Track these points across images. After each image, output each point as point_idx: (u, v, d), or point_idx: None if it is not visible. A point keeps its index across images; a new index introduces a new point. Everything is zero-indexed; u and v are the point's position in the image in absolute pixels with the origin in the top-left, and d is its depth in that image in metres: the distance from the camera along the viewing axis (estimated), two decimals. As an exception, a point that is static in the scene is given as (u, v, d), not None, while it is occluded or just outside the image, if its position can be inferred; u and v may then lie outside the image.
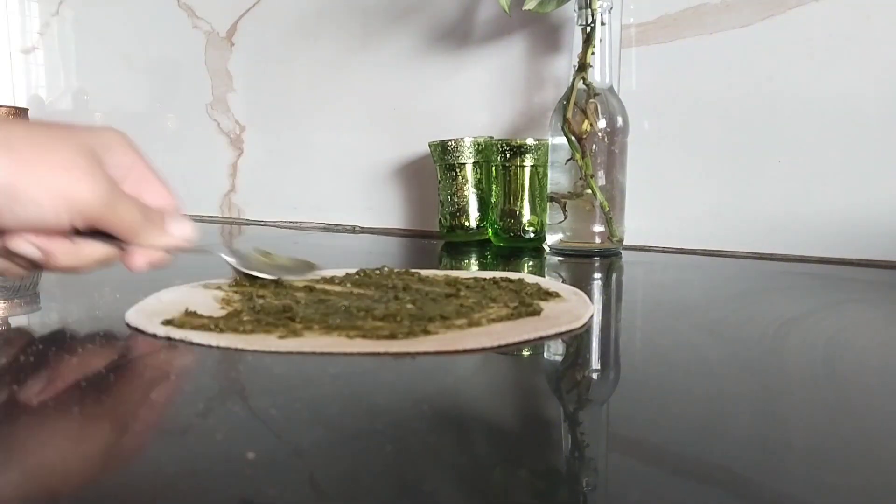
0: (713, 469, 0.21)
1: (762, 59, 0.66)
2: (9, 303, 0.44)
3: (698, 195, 0.70)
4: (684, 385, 0.30)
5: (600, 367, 0.33)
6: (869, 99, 0.63)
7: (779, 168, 0.66)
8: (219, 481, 0.20)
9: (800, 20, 0.65)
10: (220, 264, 0.45)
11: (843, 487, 0.20)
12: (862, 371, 0.32)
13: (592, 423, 0.26)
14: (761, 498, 0.19)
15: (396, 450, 0.22)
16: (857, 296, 0.52)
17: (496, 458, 0.22)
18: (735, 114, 0.68)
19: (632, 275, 0.60)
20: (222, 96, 1.07)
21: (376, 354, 0.32)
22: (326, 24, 0.95)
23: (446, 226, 0.76)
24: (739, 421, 0.25)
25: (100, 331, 0.36)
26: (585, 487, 0.20)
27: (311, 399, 0.27)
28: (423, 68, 0.87)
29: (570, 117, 0.63)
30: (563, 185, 0.65)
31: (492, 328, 0.35)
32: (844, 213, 0.64)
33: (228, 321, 0.35)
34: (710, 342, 0.37)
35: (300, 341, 0.33)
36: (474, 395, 0.29)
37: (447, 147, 0.75)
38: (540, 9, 0.66)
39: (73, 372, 0.31)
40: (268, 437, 0.23)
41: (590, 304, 0.41)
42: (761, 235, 0.67)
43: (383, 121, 0.91)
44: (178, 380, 0.29)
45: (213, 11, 1.07)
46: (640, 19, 0.72)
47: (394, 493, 0.20)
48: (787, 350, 0.35)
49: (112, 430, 0.24)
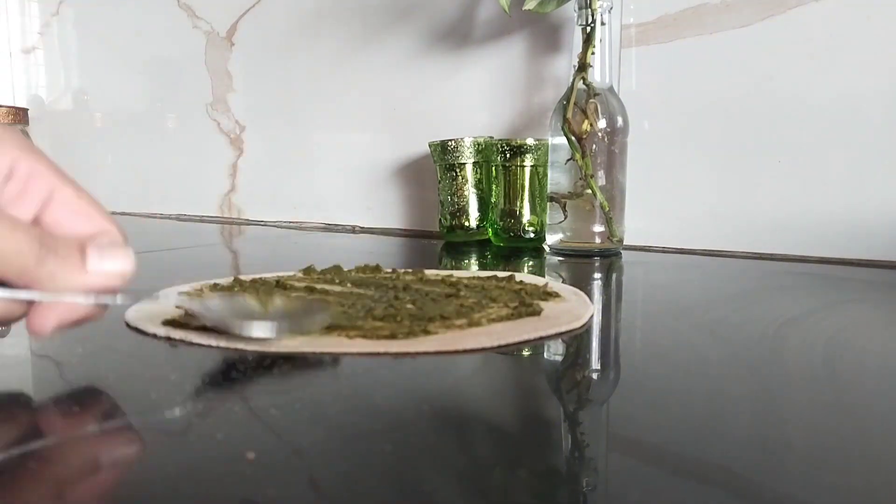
0: (713, 469, 0.21)
1: (762, 59, 0.66)
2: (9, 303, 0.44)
3: (698, 195, 0.70)
4: (684, 385, 0.30)
5: (600, 367, 0.33)
6: (869, 99, 0.63)
7: (779, 168, 0.66)
8: (219, 481, 0.20)
9: (800, 20, 0.65)
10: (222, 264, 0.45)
11: (843, 487, 0.20)
12: (862, 371, 0.32)
13: (592, 423, 0.26)
14: (761, 498, 0.19)
15: (396, 450, 0.22)
16: (857, 296, 0.52)
17: (496, 458, 0.22)
18: (735, 114, 0.68)
19: (632, 275, 0.60)
20: (222, 96, 1.07)
21: (376, 354, 0.32)
22: (326, 23, 0.95)
23: (446, 226, 0.76)
24: (739, 421, 0.25)
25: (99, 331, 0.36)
26: (585, 487, 0.20)
27: (311, 399, 0.27)
28: (423, 68, 0.87)
29: (570, 117, 0.63)
30: (563, 185, 0.65)
31: (492, 328, 0.35)
32: (844, 213, 0.64)
33: None
34: (710, 342, 0.37)
35: (300, 341, 0.33)
36: (474, 395, 0.29)
37: (447, 147, 0.75)
38: (540, 9, 0.66)
39: (72, 372, 0.31)
40: (268, 437, 0.23)
41: (590, 304, 0.41)
42: (761, 235, 0.67)
43: (383, 121, 0.91)
44: (178, 380, 0.29)
45: (213, 11, 1.07)
46: (640, 19, 0.72)
47: (394, 493, 0.20)
48: (787, 350, 0.35)
49: (112, 430, 0.24)
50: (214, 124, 1.08)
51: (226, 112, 1.07)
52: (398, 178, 0.91)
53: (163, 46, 1.14)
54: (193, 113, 1.10)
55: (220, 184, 1.08)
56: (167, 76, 1.15)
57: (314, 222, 0.99)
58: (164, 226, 1.02)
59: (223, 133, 1.08)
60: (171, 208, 1.15)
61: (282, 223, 1.02)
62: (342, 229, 0.95)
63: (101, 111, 1.27)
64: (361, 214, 0.94)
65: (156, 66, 1.16)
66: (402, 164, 0.90)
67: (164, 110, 1.16)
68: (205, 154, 1.09)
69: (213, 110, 1.08)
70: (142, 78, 1.18)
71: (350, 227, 0.95)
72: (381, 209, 0.92)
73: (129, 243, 0.28)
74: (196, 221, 1.07)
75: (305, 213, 1.00)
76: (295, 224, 1.00)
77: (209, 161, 1.09)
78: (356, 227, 0.94)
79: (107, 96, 1.26)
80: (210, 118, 1.09)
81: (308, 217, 1.00)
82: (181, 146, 1.13)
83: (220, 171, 1.08)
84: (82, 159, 1.30)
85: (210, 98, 1.08)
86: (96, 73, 1.27)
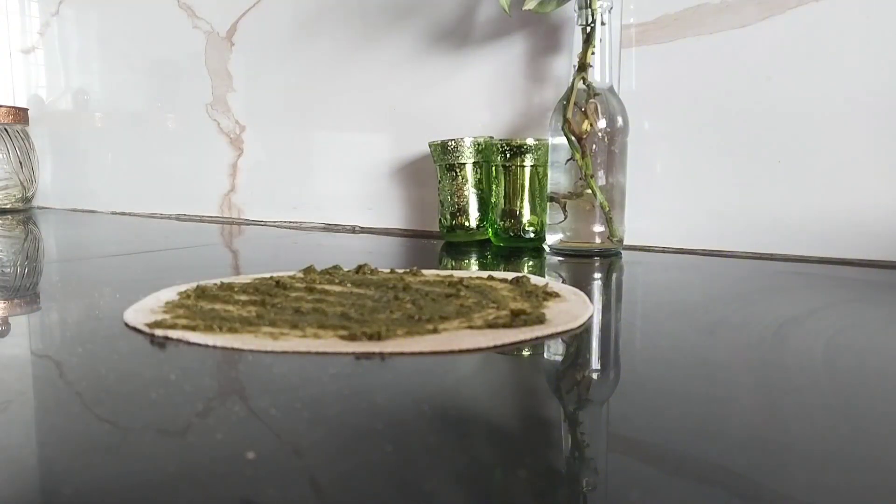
0: (713, 469, 0.21)
1: (762, 59, 0.66)
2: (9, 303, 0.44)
3: (698, 195, 0.70)
4: (684, 385, 0.30)
5: (600, 367, 0.33)
6: (869, 99, 0.62)
7: (779, 168, 0.66)
8: (219, 481, 0.20)
9: (800, 20, 0.65)
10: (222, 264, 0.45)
11: (843, 488, 0.20)
12: (862, 371, 0.32)
13: (592, 423, 0.26)
14: (761, 498, 0.19)
15: (396, 450, 0.22)
16: (857, 296, 0.52)
17: (496, 458, 0.22)
18: (735, 114, 0.68)
19: (632, 275, 0.60)
20: (222, 96, 1.07)
21: (375, 354, 0.32)
22: (326, 23, 0.95)
23: (446, 226, 0.76)
24: (739, 421, 0.25)
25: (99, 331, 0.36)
26: (585, 487, 0.20)
27: (311, 399, 0.27)
28: (423, 68, 0.87)
29: (570, 117, 0.63)
30: (563, 185, 0.65)
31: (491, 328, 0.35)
32: (844, 213, 0.64)
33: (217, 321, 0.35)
34: (710, 342, 0.37)
35: (298, 341, 0.33)
36: (474, 395, 0.29)
37: (447, 147, 0.75)
38: (540, 9, 0.66)
39: (72, 372, 0.31)
40: (268, 437, 0.23)
41: (590, 305, 0.41)
42: (761, 235, 0.67)
43: (383, 121, 0.91)
44: (178, 380, 0.29)
45: (213, 11, 1.07)
46: (640, 19, 0.72)
47: (394, 493, 0.20)
48: (787, 350, 0.35)
49: (111, 430, 0.24)
50: (214, 124, 1.08)
51: (226, 112, 1.07)
52: (398, 178, 0.91)
53: (163, 46, 1.14)
54: (193, 113, 1.10)
55: (219, 184, 1.08)
56: (167, 76, 1.15)
57: (314, 222, 0.99)
58: (164, 226, 1.02)
59: (223, 133, 1.08)
60: (171, 208, 1.15)
61: (282, 223, 1.02)
62: (342, 229, 0.95)
63: (101, 111, 1.27)
64: (361, 214, 0.94)
65: (156, 66, 1.16)
66: (402, 164, 0.90)
67: (164, 110, 1.16)
68: (205, 154, 1.10)
69: (213, 110, 1.08)
70: (142, 78, 1.18)
71: (350, 227, 0.95)
72: (381, 209, 0.92)
73: None
74: (196, 221, 1.07)
75: (305, 213, 1.00)
76: (295, 224, 1.00)
77: (209, 161, 1.09)
78: (356, 227, 0.94)
79: (107, 96, 1.26)
80: (210, 118, 1.09)
81: (308, 217, 1.00)
82: (181, 146, 1.13)
83: (220, 171, 1.08)
84: (82, 159, 1.30)
85: (210, 98, 1.08)
86: (96, 73, 1.27)
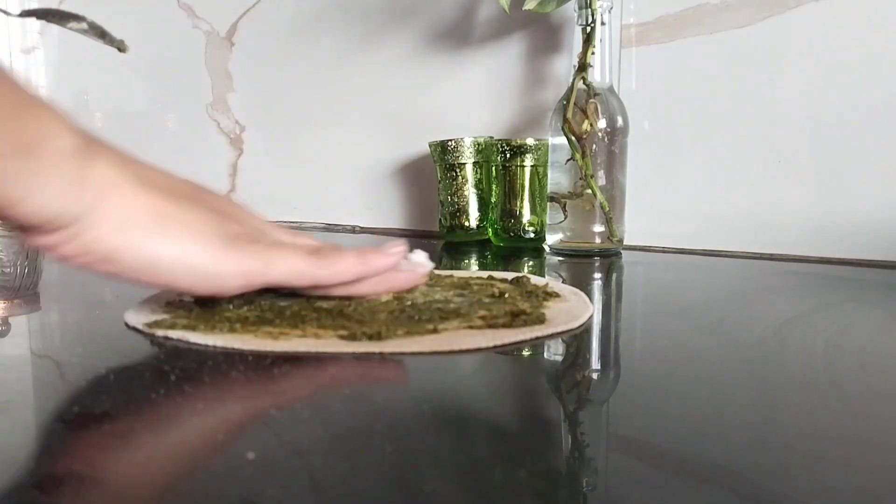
0: (713, 469, 0.21)
1: (762, 59, 0.66)
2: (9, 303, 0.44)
3: (698, 195, 0.70)
4: (684, 385, 0.29)
5: (600, 367, 0.33)
6: (869, 99, 0.62)
7: (779, 168, 0.66)
8: (219, 481, 0.20)
9: (800, 20, 0.65)
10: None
11: (843, 488, 0.20)
12: (862, 371, 0.32)
13: (592, 423, 0.26)
14: (761, 498, 0.19)
15: (396, 450, 0.22)
16: (857, 296, 0.52)
17: (496, 458, 0.22)
18: (735, 114, 0.68)
19: (632, 275, 0.60)
20: (222, 96, 1.07)
21: (374, 354, 0.32)
22: (327, 24, 0.95)
23: (446, 226, 0.76)
24: (739, 421, 0.25)
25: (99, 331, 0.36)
26: (585, 487, 0.20)
27: (311, 399, 0.27)
28: (423, 68, 0.87)
29: (570, 117, 0.63)
30: (563, 185, 0.65)
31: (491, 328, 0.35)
32: (845, 213, 0.64)
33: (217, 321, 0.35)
34: (710, 342, 0.37)
35: (298, 341, 0.33)
36: (474, 395, 0.29)
37: (447, 147, 0.75)
38: (540, 9, 0.66)
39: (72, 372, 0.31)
40: (268, 437, 0.23)
41: (590, 305, 0.41)
42: (761, 235, 0.67)
43: (383, 121, 0.91)
44: (178, 380, 0.29)
45: (213, 11, 1.06)
46: (640, 19, 0.72)
47: (394, 493, 0.20)
48: (787, 350, 0.35)
49: (111, 431, 0.24)
50: (214, 124, 1.08)
51: (226, 112, 1.07)
52: (398, 178, 0.91)
53: (163, 46, 1.14)
54: (193, 113, 1.10)
55: (220, 184, 1.08)
56: (167, 76, 1.15)
57: (314, 222, 0.99)
58: (164, 226, 1.02)
59: (223, 133, 1.08)
60: (171, 208, 1.15)
61: (282, 223, 1.02)
62: (342, 229, 0.95)
63: (101, 111, 1.27)
64: (361, 214, 0.94)
65: (156, 66, 1.16)
66: (402, 164, 0.90)
67: (164, 110, 1.16)
68: (205, 154, 1.09)
69: (213, 110, 1.08)
70: (142, 78, 1.18)
71: (350, 227, 0.95)
72: (381, 209, 0.92)
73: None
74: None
75: (305, 213, 1.00)
76: (295, 224, 1.00)
77: (209, 161, 1.09)
78: (356, 227, 0.94)
79: (107, 96, 1.26)
80: (210, 118, 1.09)
81: (308, 217, 0.99)
82: (181, 146, 1.13)
83: (220, 171, 1.08)
84: (82, 159, 1.30)
85: (210, 98, 1.08)
86: (96, 73, 1.27)
